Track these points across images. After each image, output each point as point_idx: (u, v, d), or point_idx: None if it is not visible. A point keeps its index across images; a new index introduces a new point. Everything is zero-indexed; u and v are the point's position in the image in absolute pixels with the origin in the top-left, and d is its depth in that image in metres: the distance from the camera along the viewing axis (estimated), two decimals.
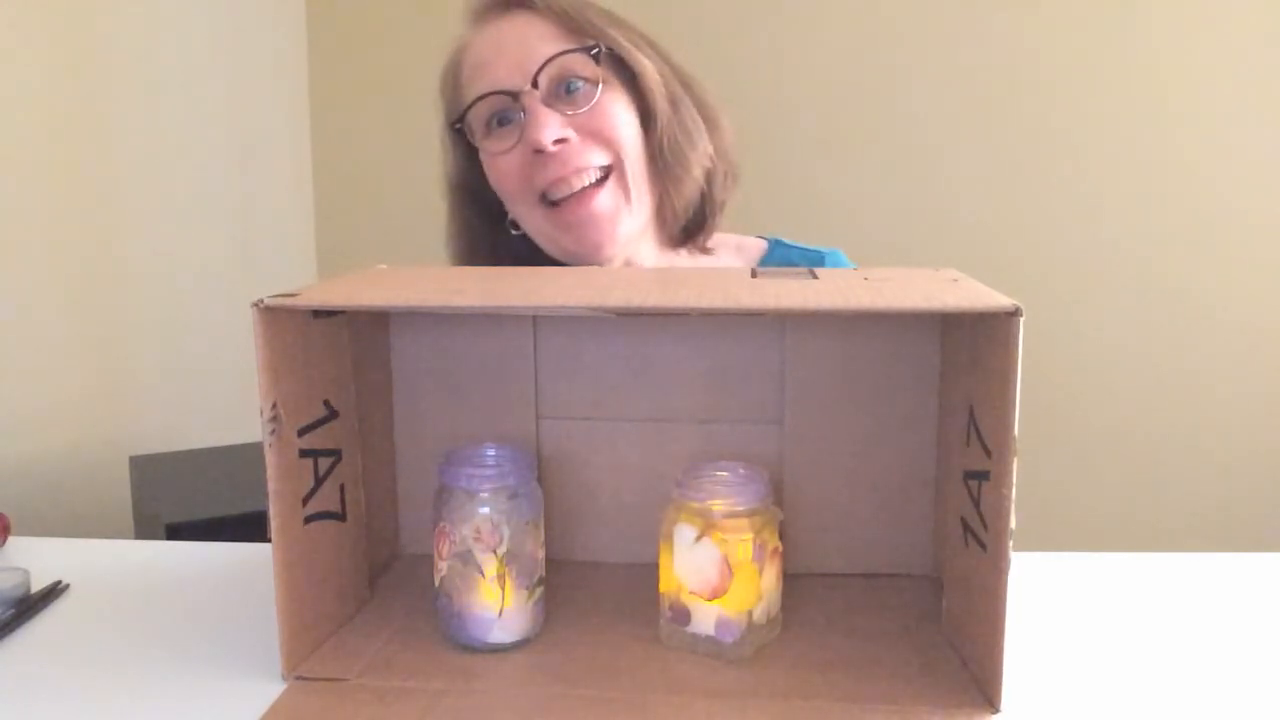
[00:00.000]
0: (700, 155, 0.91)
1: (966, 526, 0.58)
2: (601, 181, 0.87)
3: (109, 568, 0.76)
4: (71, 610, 0.68)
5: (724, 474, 0.61)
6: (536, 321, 0.71)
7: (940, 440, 0.69)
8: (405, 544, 0.76)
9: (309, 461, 0.60)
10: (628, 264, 0.92)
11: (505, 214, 0.93)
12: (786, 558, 0.64)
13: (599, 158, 0.86)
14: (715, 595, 0.58)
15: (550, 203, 0.87)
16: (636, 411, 0.72)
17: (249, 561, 0.78)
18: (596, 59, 0.86)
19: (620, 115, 0.87)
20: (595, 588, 0.69)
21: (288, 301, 0.55)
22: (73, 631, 0.65)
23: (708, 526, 0.58)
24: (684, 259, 0.97)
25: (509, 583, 0.60)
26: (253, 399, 0.97)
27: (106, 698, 0.56)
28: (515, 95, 0.85)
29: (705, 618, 0.59)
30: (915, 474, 0.70)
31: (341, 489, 0.64)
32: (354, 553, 0.66)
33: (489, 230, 0.94)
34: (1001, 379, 0.50)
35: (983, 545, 0.55)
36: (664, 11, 0.95)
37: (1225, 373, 1.97)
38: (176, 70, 2.05)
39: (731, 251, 0.99)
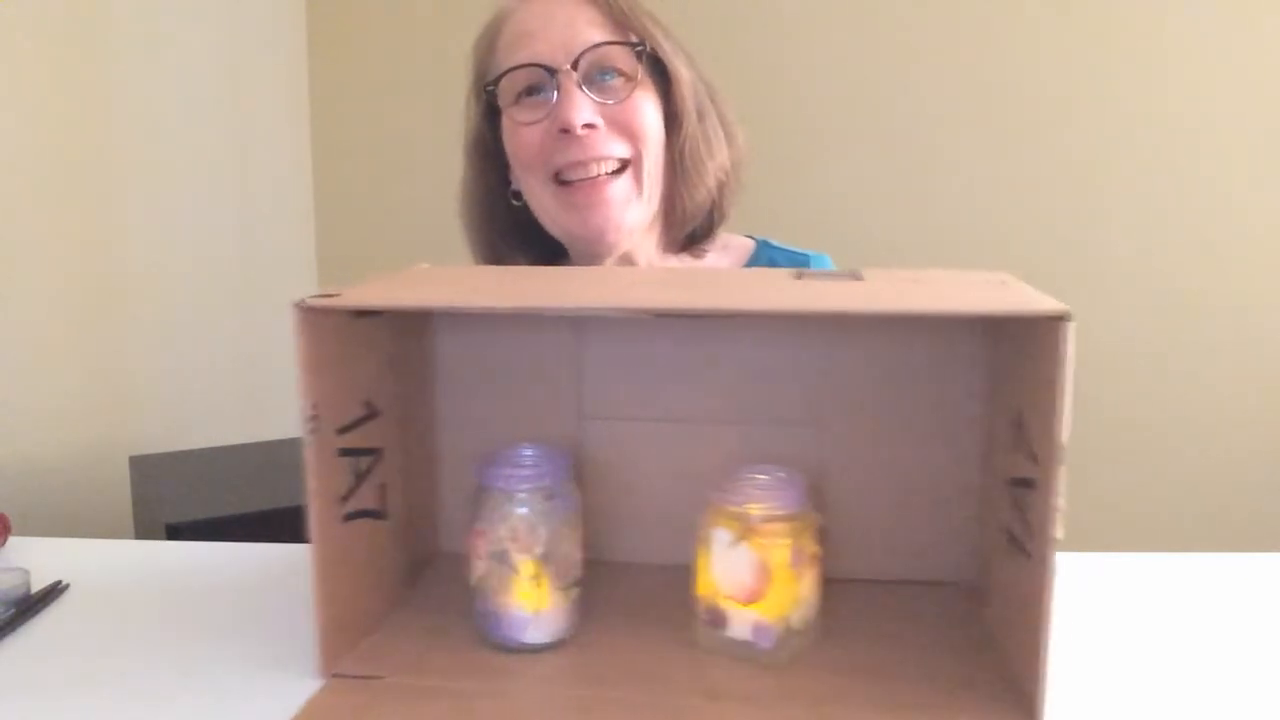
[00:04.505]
0: (717, 166, 0.93)
1: (1011, 535, 0.57)
2: (618, 172, 0.88)
3: (109, 568, 0.75)
4: (71, 610, 0.68)
5: (762, 478, 0.60)
6: (579, 322, 0.71)
7: (985, 446, 0.67)
8: (446, 543, 0.76)
9: (349, 460, 0.60)
10: (626, 258, 0.93)
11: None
12: (826, 563, 0.63)
13: (620, 149, 0.88)
14: (751, 600, 0.58)
15: (562, 182, 0.88)
16: (678, 413, 0.71)
17: (250, 562, 0.78)
18: (639, 56, 0.88)
19: (648, 113, 0.89)
20: (633, 589, 0.69)
21: (328, 302, 0.54)
22: (73, 631, 0.64)
23: (745, 531, 0.58)
24: (679, 262, 0.97)
25: (545, 583, 0.59)
26: (252, 399, 0.97)
27: (107, 698, 0.56)
28: (553, 72, 0.86)
29: (741, 622, 0.58)
30: (959, 480, 0.68)
31: (382, 488, 0.64)
32: (393, 551, 0.66)
33: (502, 191, 0.96)
34: (1050, 386, 0.49)
35: (1027, 554, 0.54)
36: (664, 12, 0.95)
37: (1238, 372, 1.97)
38: (176, 70, 2.05)
39: (719, 251, 1.00)
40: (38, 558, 0.74)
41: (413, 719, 0.53)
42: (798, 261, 0.99)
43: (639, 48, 0.88)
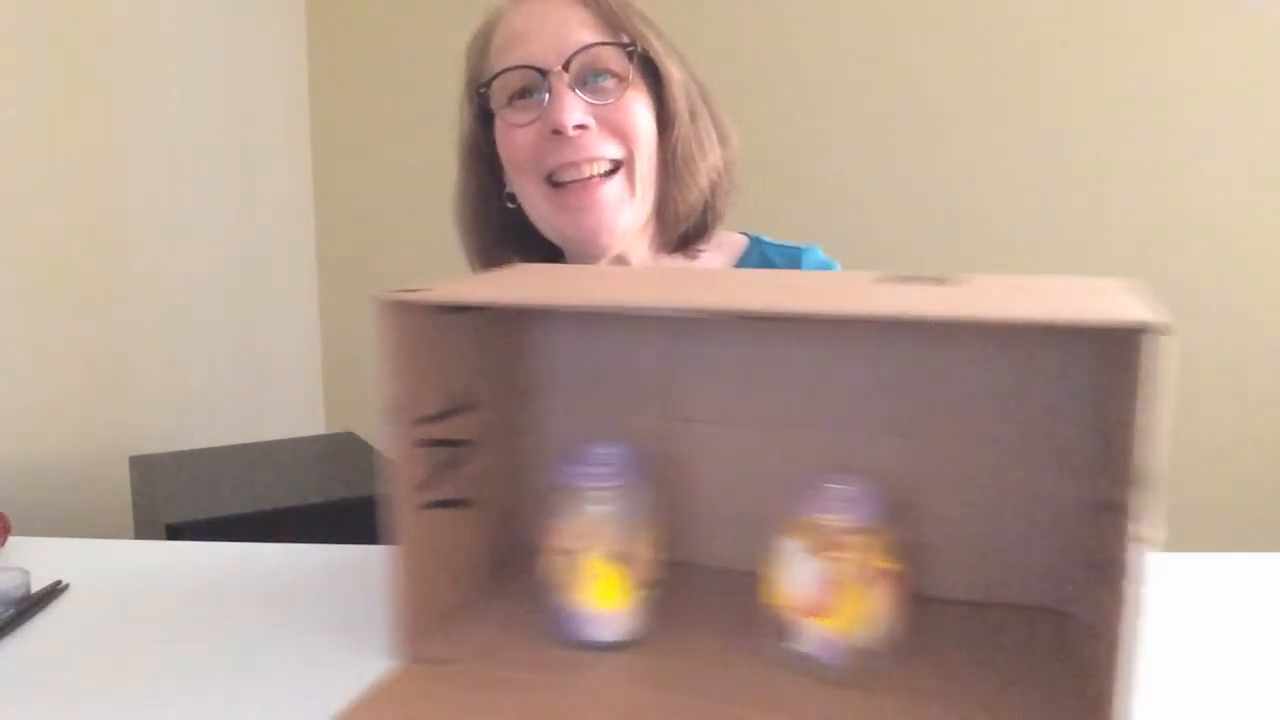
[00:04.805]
0: (709, 166, 0.93)
1: (1097, 561, 0.55)
2: (610, 174, 0.89)
3: (109, 568, 0.76)
4: (71, 610, 0.68)
5: (837, 488, 0.58)
6: (673, 324, 0.71)
7: (1080, 465, 0.64)
8: (535, 538, 0.76)
9: (430, 451, 0.61)
10: (620, 259, 0.93)
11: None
12: (910, 580, 0.60)
13: (612, 150, 0.88)
14: (819, 613, 0.56)
15: (555, 184, 0.89)
16: (764, 418, 0.70)
17: (250, 562, 0.78)
18: (630, 57, 0.88)
19: (640, 114, 0.89)
20: (709, 593, 0.68)
21: (409, 296, 0.56)
22: (73, 631, 0.65)
23: (814, 541, 0.56)
24: (673, 263, 0.97)
25: (614, 583, 0.59)
26: (252, 399, 0.97)
27: (107, 698, 0.56)
28: (544, 73, 0.87)
29: (809, 635, 0.57)
30: (1051, 499, 0.64)
31: (466, 479, 0.65)
32: (477, 542, 0.67)
33: (496, 194, 0.96)
34: (1141, 403, 0.45)
35: (1111, 583, 0.51)
36: (662, 11, 0.95)
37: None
38: (177, 70, 2.05)
39: (712, 249, 1.00)
40: (38, 558, 0.74)
41: (470, 704, 0.54)
42: (790, 256, 0.99)
43: (630, 48, 0.88)
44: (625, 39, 0.88)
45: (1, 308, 1.83)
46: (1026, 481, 0.65)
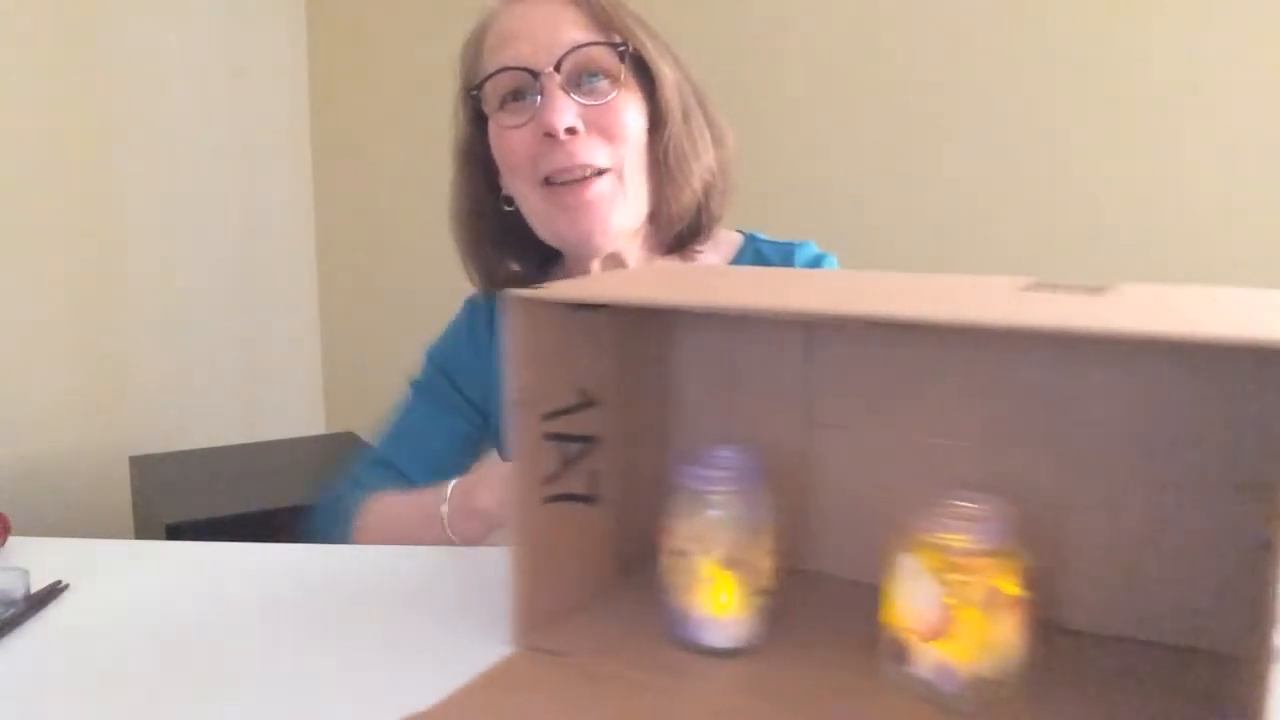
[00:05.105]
0: (702, 168, 0.93)
1: (1263, 601, 0.51)
2: (602, 174, 0.88)
3: (109, 568, 0.75)
4: (71, 610, 0.68)
5: (965, 505, 0.54)
6: (811, 327, 0.69)
7: (1248, 499, 0.58)
8: (659, 537, 0.76)
9: (557, 445, 0.62)
10: (615, 259, 0.94)
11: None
12: (1051, 609, 0.57)
13: (601, 158, 0.88)
14: (934, 637, 0.53)
15: (550, 184, 0.89)
16: (899, 426, 0.67)
17: (250, 562, 0.78)
18: (621, 57, 0.88)
19: (630, 116, 0.89)
20: (831, 605, 0.66)
21: (537, 293, 0.57)
22: (73, 631, 0.64)
23: (932, 561, 0.52)
24: (669, 264, 0.97)
25: (727, 588, 0.58)
26: (252, 399, 0.97)
27: (106, 698, 0.56)
28: (535, 74, 0.87)
29: (924, 660, 0.53)
30: (1211, 533, 0.59)
31: (594, 475, 0.65)
32: (603, 538, 0.67)
33: (491, 197, 0.96)
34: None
35: (1259, 629, 0.47)
36: (656, 10, 0.95)
37: None
38: (177, 71, 2.05)
39: (708, 248, 1.00)
40: (38, 558, 0.74)
41: (576, 697, 0.55)
42: (784, 252, 0.99)
43: (621, 48, 0.88)
44: (617, 39, 0.88)
45: (1, 308, 1.82)
46: (1184, 511, 0.59)
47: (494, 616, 0.62)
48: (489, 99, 0.90)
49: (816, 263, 0.99)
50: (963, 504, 0.54)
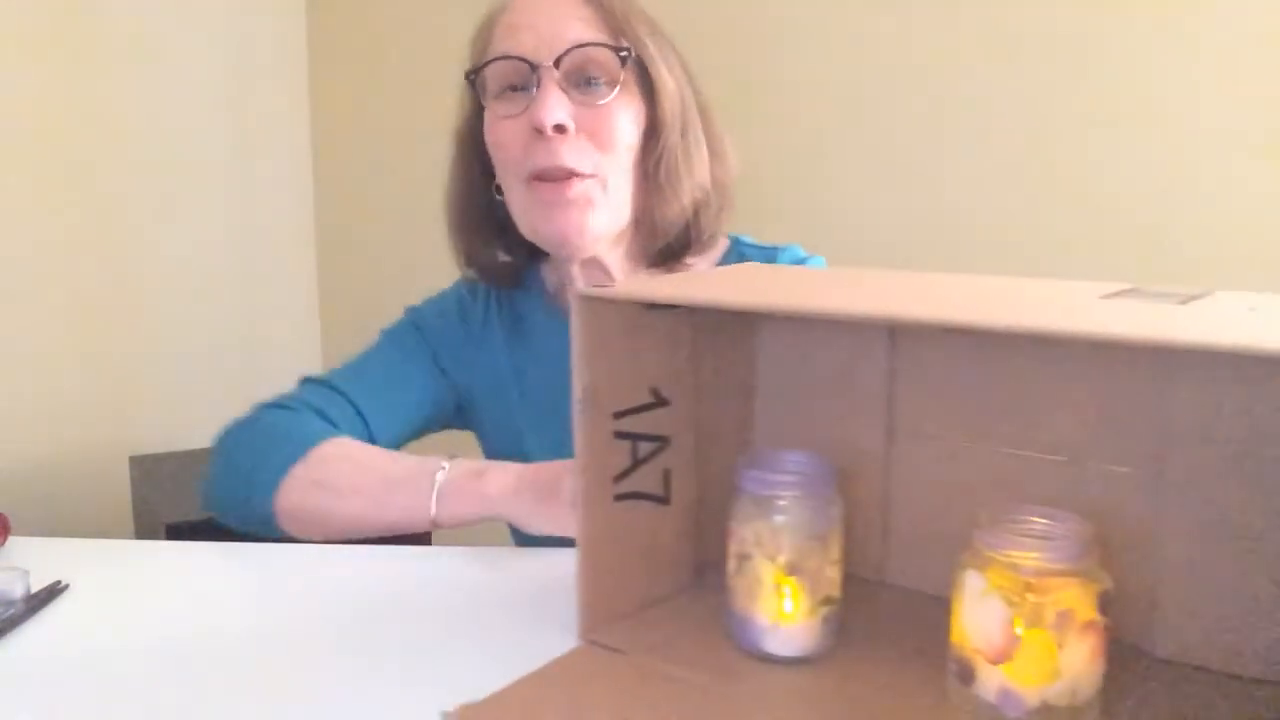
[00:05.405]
0: (695, 184, 0.92)
1: None
2: (586, 177, 0.87)
3: (109, 568, 0.76)
4: (71, 610, 0.68)
5: (1039, 522, 0.52)
6: (894, 331, 0.67)
7: None
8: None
9: (626, 443, 0.62)
10: (595, 264, 0.93)
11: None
12: (1139, 635, 0.55)
13: (586, 163, 0.86)
14: (999, 659, 0.50)
15: (536, 180, 0.87)
16: (992, 438, 0.64)
17: (250, 562, 0.78)
18: (623, 62, 0.87)
19: (623, 122, 0.88)
20: (898, 617, 0.64)
21: (601, 291, 0.58)
22: (73, 631, 0.65)
23: (999, 579, 0.50)
24: (651, 275, 0.96)
25: (789, 595, 0.57)
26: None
27: (106, 698, 0.56)
28: (534, 67, 0.86)
29: (989, 681, 0.51)
30: None
31: (665, 473, 0.65)
32: (676, 539, 0.67)
33: (485, 184, 0.95)
34: None
35: None
36: (663, 10, 0.95)
37: None
38: (177, 70, 2.05)
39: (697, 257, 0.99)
40: (38, 558, 0.74)
41: (631, 695, 0.55)
42: (768, 256, 0.98)
43: (624, 53, 0.87)
44: (623, 42, 0.87)
45: (2, 308, 1.83)
46: None
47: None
48: (487, 86, 0.90)
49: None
50: (1036, 520, 0.52)
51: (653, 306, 0.62)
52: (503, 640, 0.62)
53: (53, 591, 0.69)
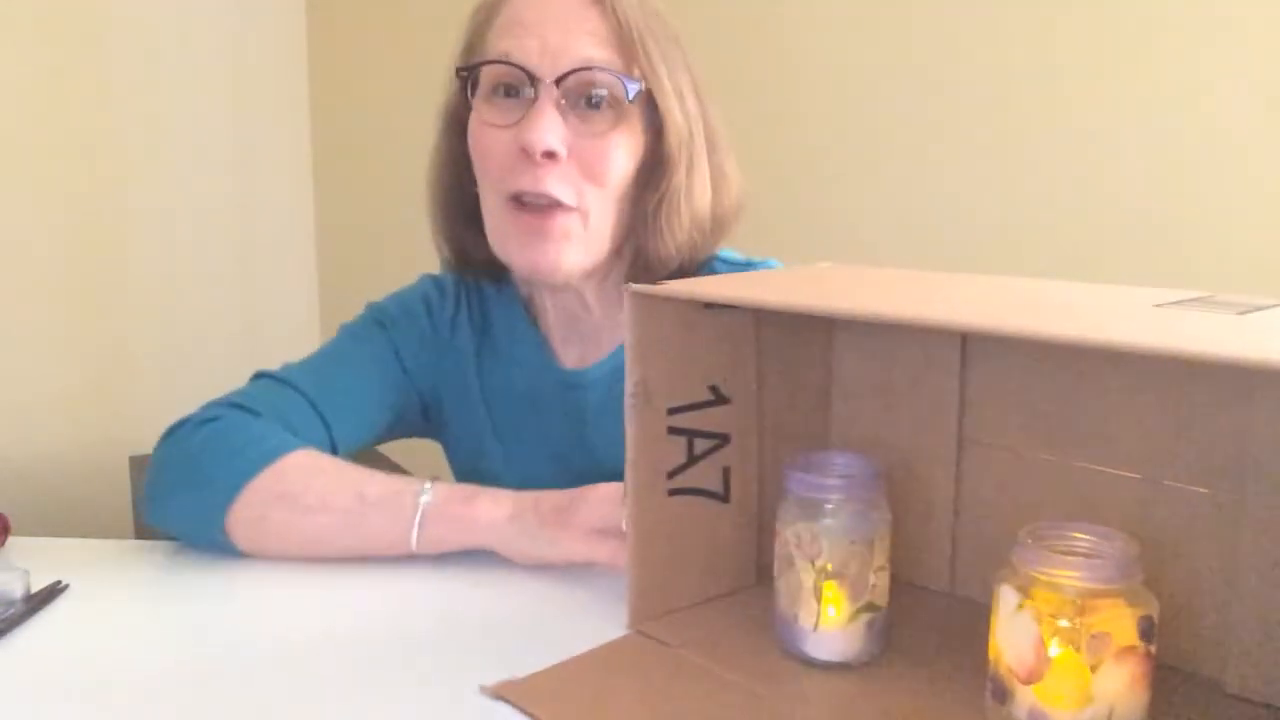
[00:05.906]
0: (694, 223, 0.85)
1: None
2: (569, 211, 0.81)
3: (109, 568, 0.75)
4: (71, 610, 0.68)
5: (1078, 538, 0.50)
6: (967, 338, 0.66)
7: None
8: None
9: (681, 440, 0.62)
10: (575, 294, 0.88)
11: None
12: (1208, 669, 0.53)
13: (570, 195, 0.80)
14: (1030, 679, 0.48)
15: (515, 201, 0.81)
16: (1062, 450, 0.62)
17: (250, 561, 0.78)
18: (629, 93, 0.80)
19: (619, 158, 0.81)
20: (943, 627, 0.63)
21: (656, 290, 0.59)
22: (73, 631, 0.65)
23: (1032, 597, 0.48)
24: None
25: (830, 599, 0.56)
26: None
27: (106, 698, 0.56)
28: (534, 80, 0.79)
29: (1022, 702, 0.49)
30: None
31: (724, 471, 0.65)
32: (736, 537, 0.67)
33: (469, 171, 0.87)
34: None
35: None
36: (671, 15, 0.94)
37: None
38: (177, 70, 2.05)
39: None
40: (38, 558, 0.74)
41: (668, 688, 0.55)
42: (745, 270, 0.92)
43: (633, 84, 0.79)
44: (634, 71, 0.80)
45: (1, 308, 1.82)
46: None
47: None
48: (480, 82, 0.83)
49: None
50: (1078, 536, 0.50)
51: (709, 305, 0.62)
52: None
53: (53, 591, 0.69)
